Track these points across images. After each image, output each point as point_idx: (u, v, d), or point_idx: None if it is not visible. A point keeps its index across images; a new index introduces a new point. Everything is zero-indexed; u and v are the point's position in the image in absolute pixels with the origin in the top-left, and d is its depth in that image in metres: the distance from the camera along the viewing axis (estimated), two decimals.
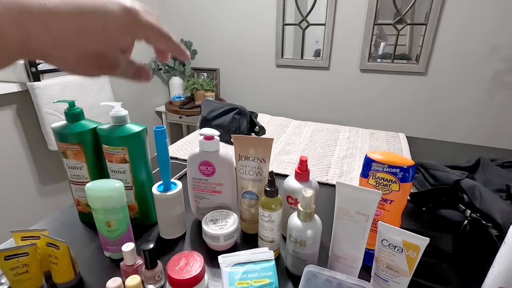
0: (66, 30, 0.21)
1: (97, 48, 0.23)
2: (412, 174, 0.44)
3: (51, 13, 0.20)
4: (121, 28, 0.23)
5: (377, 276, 0.44)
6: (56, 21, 0.20)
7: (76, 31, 0.21)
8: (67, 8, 0.20)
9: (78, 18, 0.21)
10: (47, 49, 0.21)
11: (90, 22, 0.21)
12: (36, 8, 0.19)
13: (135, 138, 0.53)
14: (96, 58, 0.23)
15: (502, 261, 0.36)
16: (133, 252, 0.45)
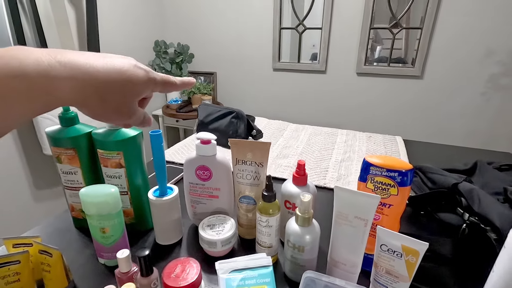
0: (106, 85, 0.28)
1: (125, 101, 0.30)
2: (411, 178, 0.43)
3: (96, 72, 0.27)
4: (144, 85, 0.31)
5: (376, 282, 0.44)
6: (99, 79, 0.27)
7: (112, 86, 0.28)
8: (106, 68, 0.28)
9: (114, 76, 0.28)
10: (87, 101, 0.28)
11: (123, 81, 0.29)
12: (86, 69, 0.26)
13: (131, 142, 0.52)
14: (121, 108, 0.30)
15: (502, 266, 0.35)
16: (128, 259, 0.44)
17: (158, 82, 0.33)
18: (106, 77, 0.27)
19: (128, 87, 0.29)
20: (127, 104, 0.30)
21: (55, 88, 0.24)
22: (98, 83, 0.27)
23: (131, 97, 0.30)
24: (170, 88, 0.35)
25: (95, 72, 0.27)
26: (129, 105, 0.31)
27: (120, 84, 0.28)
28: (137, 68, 0.30)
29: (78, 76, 0.26)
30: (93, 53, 0.28)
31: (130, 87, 0.29)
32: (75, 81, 0.25)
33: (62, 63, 0.25)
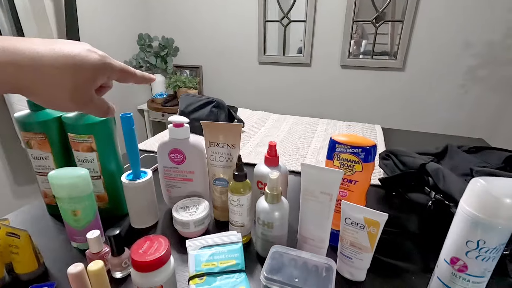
0: (52, 70, 0.27)
1: (76, 87, 0.29)
2: (374, 154, 0.45)
3: (40, 57, 0.26)
4: (97, 71, 0.30)
5: (342, 255, 0.45)
6: (44, 64, 0.26)
7: (59, 72, 0.27)
8: (52, 53, 0.27)
9: (62, 61, 0.27)
10: (33, 86, 0.27)
11: (72, 65, 0.28)
12: (27, 54, 0.26)
13: (102, 126, 0.52)
14: (73, 94, 0.29)
15: (454, 232, 0.37)
16: (98, 239, 0.44)
17: (115, 69, 0.32)
18: (51, 61, 0.26)
19: (78, 72, 0.28)
20: (79, 91, 0.29)
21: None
22: (42, 68, 0.26)
23: (83, 83, 0.29)
24: (128, 77, 0.35)
25: (39, 57, 0.26)
26: (82, 91, 0.29)
27: (69, 68, 0.27)
28: (90, 52, 0.29)
29: (18, 61, 0.25)
30: (42, 39, 0.28)
31: (80, 72, 0.28)
32: (16, 66, 0.25)
33: (2, 48, 0.24)
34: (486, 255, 0.34)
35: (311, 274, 0.39)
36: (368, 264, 0.44)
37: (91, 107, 0.31)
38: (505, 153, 0.71)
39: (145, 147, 0.92)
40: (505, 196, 0.32)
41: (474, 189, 0.35)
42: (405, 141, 1.08)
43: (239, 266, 0.42)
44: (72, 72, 0.28)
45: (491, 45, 1.75)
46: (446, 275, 0.38)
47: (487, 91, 1.84)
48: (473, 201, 0.34)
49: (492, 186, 0.33)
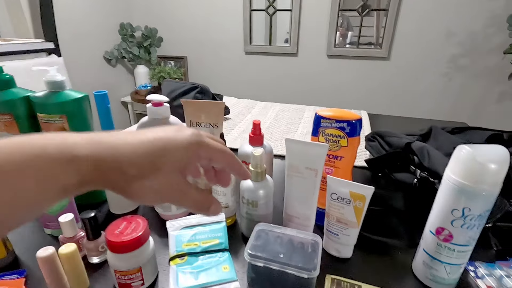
0: (139, 160, 0.22)
1: (161, 175, 0.23)
2: (359, 128, 0.44)
3: (126, 146, 0.22)
4: (186, 151, 0.24)
5: (328, 231, 0.44)
6: (131, 155, 0.22)
7: (140, 160, 0.22)
8: (139, 144, 0.22)
9: (144, 147, 0.23)
10: (119, 181, 0.22)
11: (155, 149, 0.23)
12: (113, 143, 0.22)
13: (75, 105, 0.49)
14: (157, 184, 0.23)
15: (439, 202, 0.37)
16: (72, 222, 0.42)
17: (211, 148, 0.25)
18: (134, 148, 0.22)
19: (161, 157, 0.23)
20: (165, 180, 0.23)
21: (74, 168, 0.20)
22: (122, 156, 0.21)
23: (169, 170, 0.23)
24: (229, 162, 0.27)
25: (122, 145, 0.22)
26: (168, 180, 0.23)
27: (150, 155, 0.22)
28: (178, 131, 0.24)
29: (99, 151, 0.21)
30: (148, 130, 0.24)
31: (164, 157, 0.23)
32: (95, 157, 0.21)
33: (88, 140, 0.21)
34: (471, 223, 0.34)
35: (297, 250, 0.37)
36: (354, 240, 0.43)
37: (185, 200, 0.25)
38: (487, 132, 0.72)
39: None
40: (489, 162, 0.32)
41: (459, 157, 0.34)
42: (391, 126, 1.08)
43: (222, 246, 0.41)
44: (153, 158, 0.22)
45: (473, 34, 1.78)
46: (432, 247, 0.38)
47: (470, 79, 1.88)
48: (458, 169, 0.34)
49: (477, 152, 0.33)
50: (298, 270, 0.34)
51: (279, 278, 0.35)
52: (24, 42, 1.52)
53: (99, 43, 2.11)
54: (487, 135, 0.70)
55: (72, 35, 1.86)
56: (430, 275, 0.39)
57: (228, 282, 0.35)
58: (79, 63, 1.95)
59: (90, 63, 2.06)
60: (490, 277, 0.40)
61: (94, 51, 2.08)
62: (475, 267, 0.42)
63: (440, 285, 0.39)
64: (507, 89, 1.82)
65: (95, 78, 2.09)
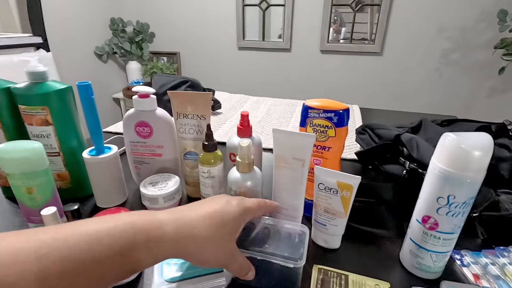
0: (201, 233, 0.29)
1: (220, 242, 0.30)
2: (347, 118, 0.44)
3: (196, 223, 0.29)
4: (238, 221, 0.32)
5: (316, 222, 0.44)
6: (196, 233, 0.28)
7: (207, 234, 0.29)
8: (198, 217, 0.30)
9: (208, 222, 0.30)
10: (192, 252, 0.28)
11: (216, 223, 0.30)
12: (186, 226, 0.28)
13: (57, 96, 0.48)
14: (218, 251, 0.30)
15: (425, 190, 0.37)
16: (55, 215, 0.41)
17: (254, 211, 0.34)
18: (200, 224, 0.29)
19: (222, 228, 0.30)
20: (223, 246, 0.30)
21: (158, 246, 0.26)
22: (197, 238, 0.28)
23: (226, 238, 0.30)
24: (266, 211, 0.39)
25: (194, 221, 0.29)
26: (225, 246, 0.30)
27: (214, 227, 0.29)
28: (228, 204, 0.32)
29: (180, 228, 0.28)
30: (204, 203, 0.32)
31: (223, 228, 0.30)
32: (177, 235, 0.27)
33: (172, 218, 0.28)
34: (456, 210, 0.34)
35: (283, 240, 0.37)
36: (342, 230, 0.43)
37: (233, 262, 0.31)
38: (476, 124, 0.72)
39: (116, 129, 0.87)
40: (474, 148, 0.32)
41: (444, 144, 0.34)
42: (383, 119, 1.09)
43: None
44: (215, 230, 0.29)
45: (464, 29, 1.79)
46: (418, 235, 0.38)
47: (460, 73, 1.89)
48: (443, 156, 0.34)
49: (461, 139, 0.33)
50: (284, 260, 0.34)
51: (265, 268, 0.35)
52: (10, 36, 1.48)
53: (89, 38, 2.07)
54: (475, 127, 0.70)
55: (61, 29, 1.83)
56: (416, 264, 0.39)
57: (214, 273, 0.34)
58: (69, 58, 1.92)
59: (80, 58, 2.03)
60: (476, 265, 0.41)
61: (84, 46, 2.05)
62: (461, 256, 0.43)
63: (426, 274, 0.39)
64: (497, 84, 1.84)
65: (86, 74, 2.06)
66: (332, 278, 0.36)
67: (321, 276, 0.36)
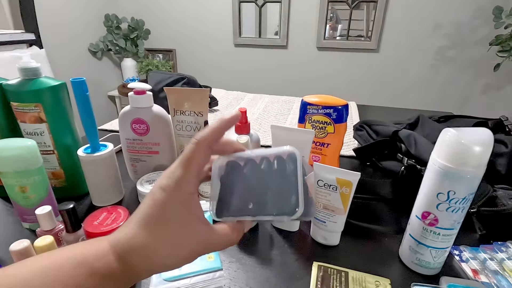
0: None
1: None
2: (346, 114, 0.44)
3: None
4: (179, 197, 0.23)
5: (315, 219, 0.44)
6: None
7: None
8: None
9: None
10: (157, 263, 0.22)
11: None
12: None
13: (51, 93, 0.47)
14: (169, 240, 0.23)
15: (425, 186, 0.37)
16: (50, 214, 0.40)
17: (194, 164, 0.23)
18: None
19: (159, 219, 0.23)
20: (177, 236, 0.23)
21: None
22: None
23: (174, 224, 0.23)
24: (224, 128, 0.25)
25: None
26: (180, 236, 0.23)
27: (150, 226, 0.23)
28: (157, 189, 0.23)
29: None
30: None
31: (161, 217, 0.23)
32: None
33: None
34: (456, 206, 0.34)
35: (272, 184, 0.25)
36: (341, 227, 0.43)
37: (212, 244, 0.24)
38: (473, 120, 0.72)
39: (111, 127, 0.86)
40: (474, 144, 0.31)
41: (444, 139, 0.34)
42: (380, 116, 1.09)
43: None
44: (153, 226, 0.22)
45: (460, 26, 1.80)
46: (418, 231, 0.38)
47: (456, 70, 1.90)
48: (443, 152, 0.34)
49: (461, 135, 0.32)
50: (277, 217, 0.24)
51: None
52: (1, 32, 1.45)
53: (83, 35, 2.04)
54: (472, 123, 0.70)
55: (54, 26, 1.80)
56: (416, 260, 0.39)
57: (213, 271, 0.34)
58: (63, 55, 1.89)
59: (74, 55, 2.00)
60: (474, 260, 0.41)
61: (78, 43, 2.02)
62: (459, 251, 0.43)
63: (425, 270, 0.39)
64: (492, 80, 1.86)
65: (80, 71, 2.03)
66: (332, 275, 0.36)
67: (321, 273, 0.36)
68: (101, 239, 0.23)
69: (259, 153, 0.26)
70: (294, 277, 0.39)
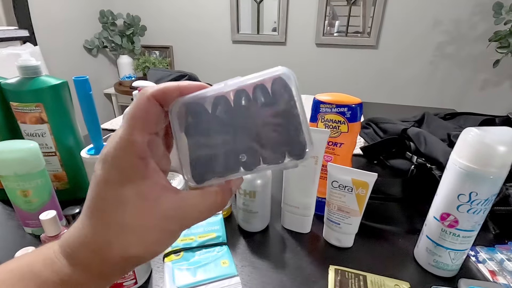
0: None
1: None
2: (360, 113, 0.42)
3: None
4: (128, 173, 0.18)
5: (329, 221, 0.43)
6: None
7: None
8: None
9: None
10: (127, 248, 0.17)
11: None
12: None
13: (52, 92, 0.45)
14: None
15: (444, 187, 0.36)
16: (55, 220, 0.38)
17: (139, 127, 0.18)
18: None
19: (110, 206, 0.17)
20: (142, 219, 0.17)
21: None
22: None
23: (130, 205, 0.17)
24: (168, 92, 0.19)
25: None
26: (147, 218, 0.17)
27: (96, 213, 0.18)
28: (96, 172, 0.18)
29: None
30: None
31: (114, 200, 0.17)
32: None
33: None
34: (478, 208, 0.33)
35: (260, 116, 0.19)
36: (356, 228, 0.42)
37: (190, 219, 0.19)
38: (479, 117, 0.72)
39: (111, 126, 0.84)
40: (498, 143, 0.30)
41: (466, 139, 0.33)
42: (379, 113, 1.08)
43: (220, 239, 0.38)
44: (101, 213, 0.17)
45: (459, 22, 1.79)
46: (436, 233, 0.37)
47: (455, 66, 1.90)
48: (465, 152, 0.33)
49: (485, 134, 0.31)
50: (282, 165, 0.19)
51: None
52: None
53: (78, 32, 2.00)
54: (479, 120, 0.70)
55: (48, 22, 1.76)
56: (433, 262, 0.38)
57: (229, 278, 0.33)
58: (57, 52, 1.85)
59: (69, 52, 1.95)
60: (491, 261, 0.40)
61: (73, 40, 1.98)
62: (475, 252, 0.42)
63: (443, 272, 0.38)
64: (491, 76, 1.86)
65: (75, 69, 1.99)
66: (350, 279, 0.35)
67: (339, 277, 0.35)
68: (53, 243, 0.18)
69: (232, 85, 0.19)
70: (309, 281, 0.38)
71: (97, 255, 0.17)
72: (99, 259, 0.17)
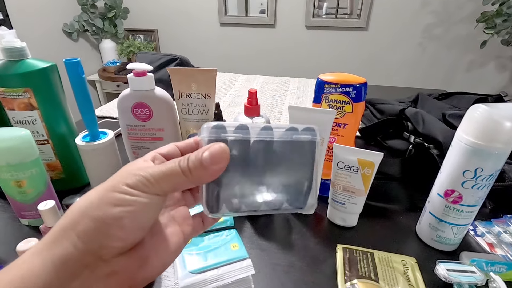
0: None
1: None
2: (365, 92, 0.42)
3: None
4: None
5: (333, 201, 0.43)
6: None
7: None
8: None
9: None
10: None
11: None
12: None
13: (41, 76, 0.42)
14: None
15: (449, 164, 0.36)
16: (54, 210, 0.37)
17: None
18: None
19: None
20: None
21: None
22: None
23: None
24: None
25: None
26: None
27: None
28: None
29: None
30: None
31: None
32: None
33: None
34: (482, 183, 0.34)
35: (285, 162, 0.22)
36: (361, 208, 0.42)
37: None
38: (472, 96, 0.73)
39: (101, 113, 0.81)
40: (505, 119, 0.31)
41: (473, 116, 0.33)
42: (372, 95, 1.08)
43: (228, 223, 0.38)
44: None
45: (447, 2, 1.80)
46: (439, 209, 0.38)
47: (443, 48, 1.92)
48: (471, 128, 0.33)
49: (493, 111, 0.32)
50: (283, 211, 0.23)
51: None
52: None
53: (56, 14, 1.88)
54: (473, 99, 0.71)
55: (23, 4, 1.64)
56: (435, 237, 0.39)
57: (240, 261, 0.33)
58: (35, 36, 1.75)
59: (47, 36, 1.85)
60: (489, 234, 0.42)
61: (51, 23, 1.86)
62: (474, 226, 0.43)
63: (445, 246, 0.39)
64: (478, 57, 1.89)
65: (55, 54, 1.89)
66: (358, 256, 0.36)
67: (347, 256, 0.36)
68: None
69: (260, 134, 0.20)
70: (318, 260, 0.38)
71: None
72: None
